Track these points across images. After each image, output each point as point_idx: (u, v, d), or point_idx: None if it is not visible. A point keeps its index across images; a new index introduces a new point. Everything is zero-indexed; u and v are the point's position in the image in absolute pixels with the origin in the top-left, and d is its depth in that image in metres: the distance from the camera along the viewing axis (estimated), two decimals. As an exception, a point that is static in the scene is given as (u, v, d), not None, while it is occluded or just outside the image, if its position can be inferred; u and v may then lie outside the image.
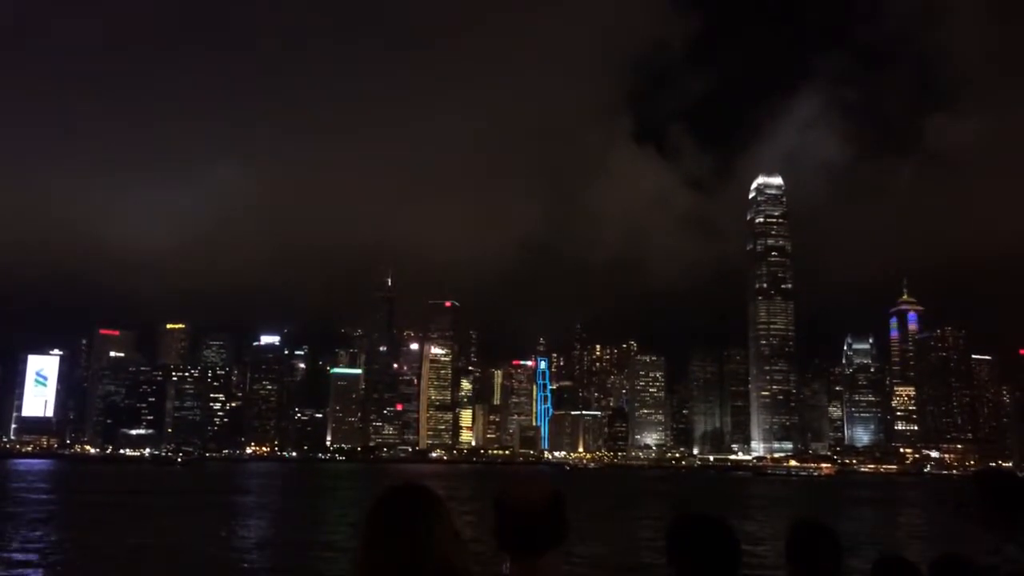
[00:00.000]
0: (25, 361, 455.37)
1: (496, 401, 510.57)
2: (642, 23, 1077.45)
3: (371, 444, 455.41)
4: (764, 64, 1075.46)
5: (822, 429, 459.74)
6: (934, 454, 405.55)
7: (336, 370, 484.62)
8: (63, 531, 63.70)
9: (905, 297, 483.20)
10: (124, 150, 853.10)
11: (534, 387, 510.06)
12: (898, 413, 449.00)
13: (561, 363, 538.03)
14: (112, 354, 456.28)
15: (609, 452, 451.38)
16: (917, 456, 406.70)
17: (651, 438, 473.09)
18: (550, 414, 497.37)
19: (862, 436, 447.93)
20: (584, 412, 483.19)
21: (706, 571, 3.95)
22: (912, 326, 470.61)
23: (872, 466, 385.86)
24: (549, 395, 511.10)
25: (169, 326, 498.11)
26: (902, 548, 54.05)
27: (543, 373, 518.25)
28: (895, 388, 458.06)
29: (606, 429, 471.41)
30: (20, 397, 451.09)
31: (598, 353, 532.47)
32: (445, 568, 2.94)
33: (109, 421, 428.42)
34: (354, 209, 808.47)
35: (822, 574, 4.88)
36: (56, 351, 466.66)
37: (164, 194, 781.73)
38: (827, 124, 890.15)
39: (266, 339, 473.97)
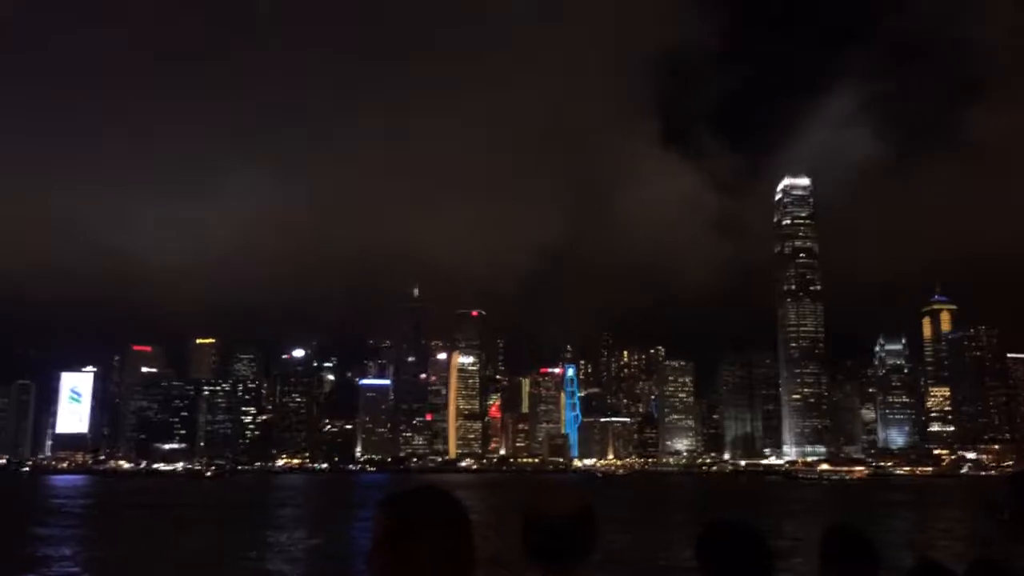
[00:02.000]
0: (59, 378, 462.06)
1: (524, 409, 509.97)
2: (667, 23, 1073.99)
3: (401, 454, 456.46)
4: (791, 62, 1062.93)
5: (855, 432, 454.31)
6: (970, 455, 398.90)
7: (364, 381, 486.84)
8: (89, 546, 64.36)
9: (937, 296, 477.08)
10: (151, 167, 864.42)
11: (562, 394, 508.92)
12: (932, 414, 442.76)
13: (589, 370, 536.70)
14: (144, 370, 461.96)
15: (639, 458, 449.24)
16: (953, 457, 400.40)
17: (681, 444, 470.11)
18: (579, 421, 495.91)
19: (896, 438, 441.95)
20: (613, 419, 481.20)
21: None
22: (945, 325, 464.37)
23: (907, 468, 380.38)
24: (577, 402, 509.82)
25: (199, 341, 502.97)
26: (938, 553, 53.21)
27: (571, 380, 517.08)
28: (929, 389, 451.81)
29: (636, 435, 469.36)
30: (55, 414, 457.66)
31: (626, 359, 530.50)
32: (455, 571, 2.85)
33: (142, 436, 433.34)
34: (380, 220, 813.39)
35: None
36: (89, 368, 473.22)
37: (190, 210, 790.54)
38: (857, 121, 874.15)
39: (295, 352, 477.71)
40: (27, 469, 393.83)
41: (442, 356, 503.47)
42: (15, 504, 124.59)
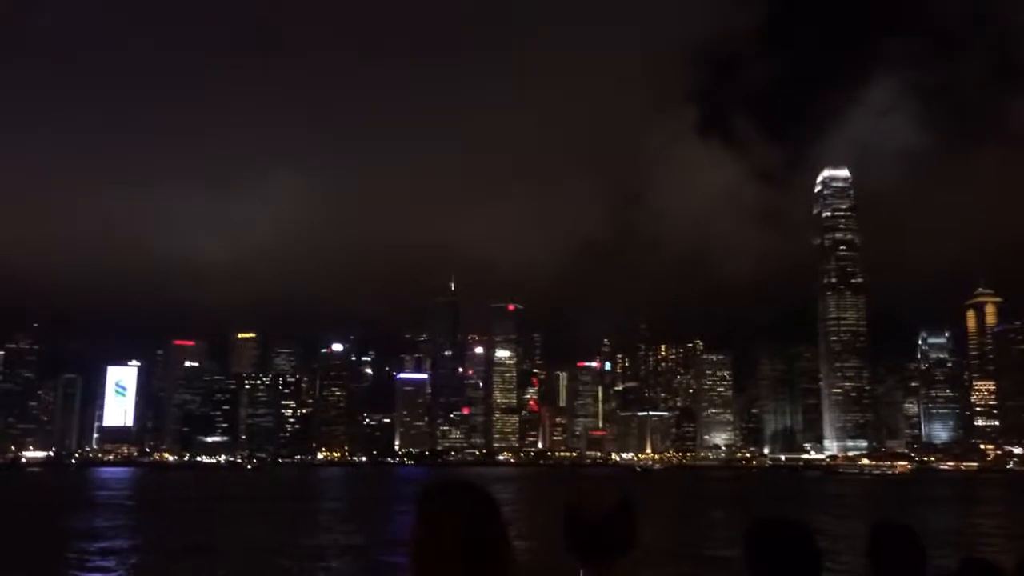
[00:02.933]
0: (105, 372, 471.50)
1: (562, 403, 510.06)
2: (706, 11, 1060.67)
3: (439, 448, 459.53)
4: (835, 49, 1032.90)
5: (898, 426, 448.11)
6: (1017, 450, 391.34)
7: (402, 375, 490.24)
8: (137, 536, 65.85)
9: (982, 288, 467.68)
10: (192, 166, 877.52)
11: (599, 388, 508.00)
12: (978, 408, 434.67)
13: (626, 364, 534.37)
14: (187, 364, 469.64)
15: (677, 453, 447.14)
16: (999, 452, 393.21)
17: (720, 438, 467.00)
18: (616, 415, 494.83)
19: (940, 433, 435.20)
20: (651, 413, 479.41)
21: None
22: (990, 318, 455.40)
23: (952, 463, 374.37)
24: (614, 396, 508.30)
25: (240, 335, 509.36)
26: (986, 550, 52.58)
27: (608, 374, 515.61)
28: (974, 383, 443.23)
29: (673, 430, 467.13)
30: (101, 408, 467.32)
31: (663, 353, 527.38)
32: (496, 568, 2.91)
33: (186, 429, 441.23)
34: (416, 215, 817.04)
35: None
36: (134, 362, 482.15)
37: (232, 207, 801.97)
38: (902, 110, 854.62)
39: (334, 346, 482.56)
40: (74, 461, 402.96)
41: (479, 350, 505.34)
42: (64, 496, 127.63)
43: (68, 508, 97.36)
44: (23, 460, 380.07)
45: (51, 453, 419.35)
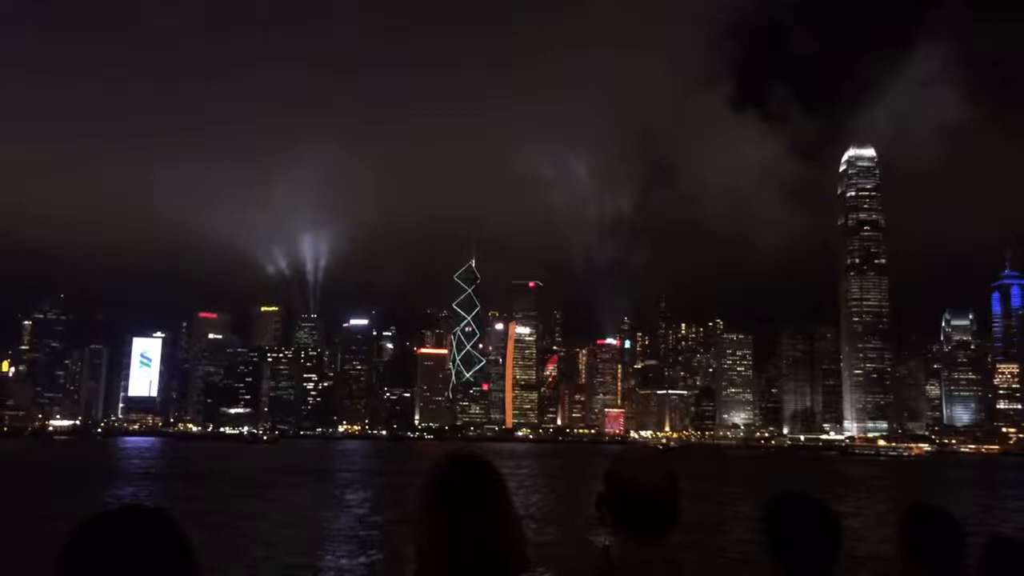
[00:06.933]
0: (130, 343, 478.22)
1: (581, 380, 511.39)
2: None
3: (458, 423, 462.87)
4: (875, 19, 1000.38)
5: (919, 408, 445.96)
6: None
7: (422, 350, 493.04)
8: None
9: (1008, 271, 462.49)
10: (219, 140, 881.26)
11: (619, 366, 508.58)
12: (1000, 391, 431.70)
13: (646, 342, 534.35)
14: (211, 336, 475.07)
15: (696, 431, 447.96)
16: (1022, 436, 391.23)
17: (739, 417, 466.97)
18: (635, 393, 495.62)
19: (962, 415, 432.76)
20: (670, 391, 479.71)
21: (808, 556, 3.72)
22: (1016, 300, 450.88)
23: (973, 446, 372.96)
24: (634, 374, 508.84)
25: (263, 308, 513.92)
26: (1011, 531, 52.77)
27: (628, 352, 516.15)
28: (997, 365, 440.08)
29: (693, 408, 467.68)
30: (127, 378, 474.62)
31: (683, 331, 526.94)
32: (512, 543, 2.89)
33: (209, 400, 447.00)
34: (439, 190, 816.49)
35: (945, 564, 4.45)
36: (159, 333, 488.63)
37: (256, 182, 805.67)
38: (943, 83, 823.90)
39: (355, 321, 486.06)
40: (100, 431, 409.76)
41: (499, 326, 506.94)
42: (93, 463, 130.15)
43: (95, 474, 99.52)
44: (50, 428, 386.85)
45: (77, 422, 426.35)
